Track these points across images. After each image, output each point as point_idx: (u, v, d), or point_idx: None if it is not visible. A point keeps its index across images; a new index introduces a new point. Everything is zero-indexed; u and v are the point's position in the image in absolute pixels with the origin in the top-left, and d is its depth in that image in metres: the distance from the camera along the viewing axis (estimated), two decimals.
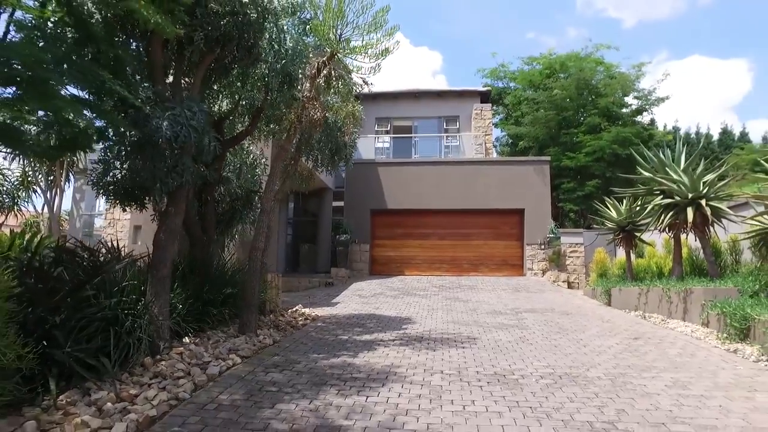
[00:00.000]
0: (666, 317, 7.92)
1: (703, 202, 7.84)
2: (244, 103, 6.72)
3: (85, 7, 4.51)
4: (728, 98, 58.25)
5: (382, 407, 3.84)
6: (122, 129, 4.66)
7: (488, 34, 63.59)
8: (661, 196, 8.76)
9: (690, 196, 8.06)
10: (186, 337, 5.46)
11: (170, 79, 5.66)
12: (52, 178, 19.52)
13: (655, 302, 8.47)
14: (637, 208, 10.06)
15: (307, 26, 6.50)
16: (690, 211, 7.94)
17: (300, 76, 6.38)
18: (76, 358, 4.05)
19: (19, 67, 3.39)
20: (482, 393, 4.20)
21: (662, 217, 8.64)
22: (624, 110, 19.12)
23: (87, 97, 4.36)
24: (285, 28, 5.86)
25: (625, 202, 10.55)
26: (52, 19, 4.05)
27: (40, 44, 3.91)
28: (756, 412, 3.66)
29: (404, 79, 52.08)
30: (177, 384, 4.20)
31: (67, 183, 19.84)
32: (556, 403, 3.92)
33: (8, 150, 4.42)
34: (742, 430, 3.32)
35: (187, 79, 6.00)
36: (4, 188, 11.76)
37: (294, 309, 8.43)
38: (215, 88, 6.56)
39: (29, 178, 15.74)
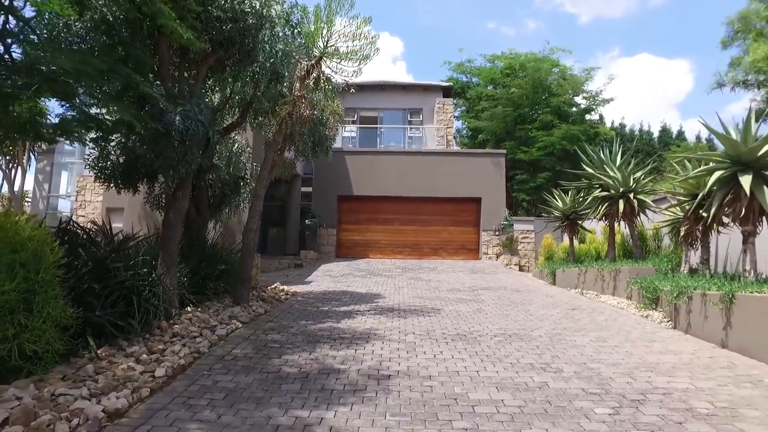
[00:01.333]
0: (599, 293, 9.23)
1: (632, 195, 9.17)
2: (237, 98, 7.40)
3: (107, 10, 5.13)
4: (672, 96, 62.03)
5: (369, 357, 4.78)
6: (143, 123, 5.30)
7: (449, 23, 64.91)
8: (600, 190, 10.04)
9: (622, 190, 9.37)
10: (188, 307, 6.20)
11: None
12: (9, 158, 19.19)
13: (591, 281, 9.78)
14: (580, 200, 11.36)
15: (296, 30, 7.22)
16: (621, 203, 9.25)
17: (286, 74, 7.12)
18: (108, 320, 4.77)
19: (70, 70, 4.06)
20: (448, 347, 5.21)
21: (599, 208, 9.94)
22: (574, 109, 20.67)
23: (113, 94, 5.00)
24: (278, 32, 6.57)
25: (570, 193, 11.83)
26: (82, 24, 4.65)
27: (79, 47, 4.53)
28: (650, 354, 4.86)
29: (366, 65, 52.49)
30: (195, 342, 4.99)
31: (29, 163, 19.57)
32: (506, 353, 4.98)
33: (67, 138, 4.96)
34: (638, 364, 4.49)
35: (185, 74, 6.63)
36: None
37: (273, 286, 9.21)
38: (209, 83, 7.20)
39: None
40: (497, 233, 16.62)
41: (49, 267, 4.07)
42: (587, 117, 21.57)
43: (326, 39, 6.70)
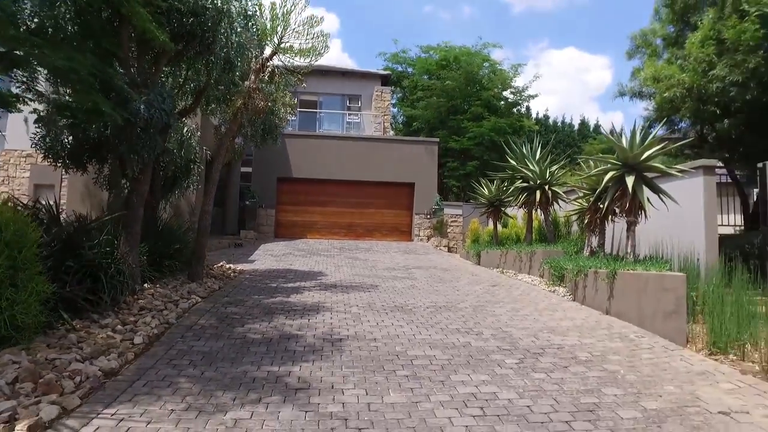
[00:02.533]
0: (518, 272, 10.50)
1: (548, 187, 10.47)
2: (192, 85, 7.72)
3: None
4: (593, 89, 66.49)
5: (321, 324, 5.54)
6: (109, 110, 5.63)
7: (386, 5, 65.23)
8: (521, 181, 11.29)
9: (539, 182, 10.65)
10: (146, 284, 6.61)
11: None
12: None
13: (511, 261, 11.05)
14: (504, 189, 12.60)
15: (250, 22, 7.64)
16: (539, 194, 10.53)
17: (239, 64, 7.55)
18: (80, 295, 5.16)
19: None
20: (388, 316, 6.08)
21: (520, 197, 11.20)
22: (502, 103, 22.19)
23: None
24: (236, 27, 6.99)
25: (495, 182, 13.05)
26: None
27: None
28: (551, 320, 6.01)
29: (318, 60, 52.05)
30: (162, 314, 5.50)
31: None
32: (437, 320, 5.93)
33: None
34: (541, 328, 5.61)
35: (144, 63, 6.90)
36: None
37: (220, 264, 9.66)
38: (165, 70, 7.48)
39: None
40: (428, 217, 17.76)
41: (30, 246, 4.44)
42: (514, 110, 23.21)
43: (281, 35, 7.21)
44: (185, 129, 8.93)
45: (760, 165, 8.94)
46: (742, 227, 12.58)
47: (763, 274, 6.86)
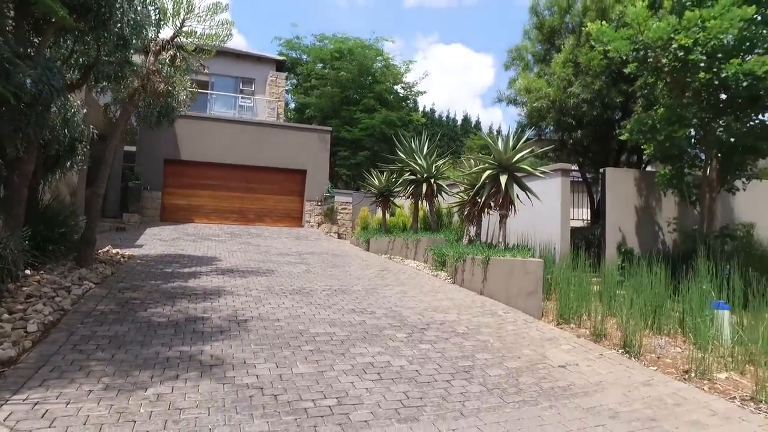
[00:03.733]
0: (404, 258, 11.40)
1: (433, 180, 11.47)
2: (82, 60, 7.27)
3: None
4: (477, 87, 71.13)
5: (225, 307, 5.78)
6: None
7: None
8: (409, 174, 12.18)
9: (425, 175, 11.61)
10: (27, 270, 6.24)
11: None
12: None
13: (398, 248, 11.93)
14: (393, 180, 13.44)
15: (148, 1, 7.40)
16: (425, 186, 11.49)
17: (134, 41, 7.30)
18: None
19: None
20: (287, 299, 6.47)
21: (408, 188, 12.10)
22: (392, 97, 23.18)
23: None
24: (135, 4, 6.77)
25: (385, 174, 13.85)
26: None
27: None
28: (435, 300, 6.86)
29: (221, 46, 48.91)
30: (54, 301, 5.32)
31: None
32: (334, 302, 6.45)
33: None
34: (426, 307, 6.41)
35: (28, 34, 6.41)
36: None
37: (106, 249, 9.19)
38: (51, 41, 6.97)
39: None
40: (319, 203, 18.17)
41: None
42: (404, 104, 24.37)
43: (183, 19, 7.12)
44: (70, 106, 8.33)
45: (602, 170, 10.72)
46: (589, 221, 14.84)
47: (599, 260, 8.42)
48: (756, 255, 9.45)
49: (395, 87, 23.51)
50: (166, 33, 7.27)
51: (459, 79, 69.49)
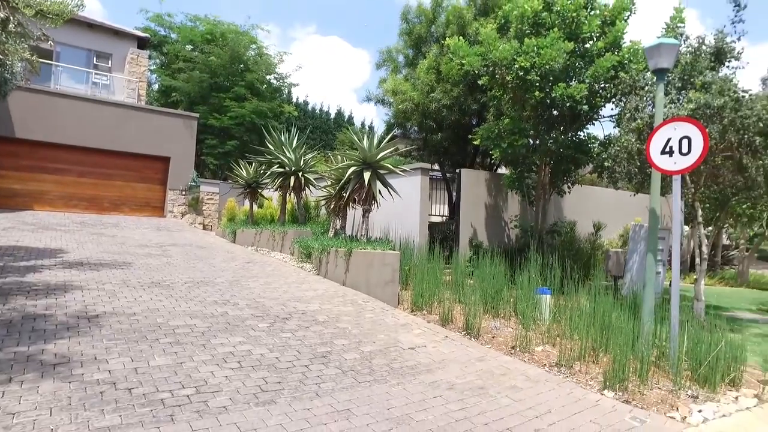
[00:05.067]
0: (271, 250, 11.43)
1: (301, 174, 11.65)
2: None
3: None
4: (352, 81, 72.06)
5: (73, 303, 5.43)
6: None
7: None
8: (278, 166, 12.20)
9: (294, 168, 11.75)
10: None
11: None
12: None
13: (265, 240, 11.91)
14: (262, 172, 13.34)
15: None
16: (293, 179, 11.62)
17: None
18: None
19: None
20: (145, 292, 6.25)
21: (276, 181, 12.12)
22: (265, 87, 22.71)
23: None
24: None
25: (254, 165, 13.67)
26: None
27: None
28: (299, 291, 7.12)
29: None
30: None
31: None
32: (196, 294, 6.38)
33: None
34: (290, 298, 6.64)
35: None
36: None
37: None
38: None
39: None
40: (184, 193, 17.27)
41: None
42: (277, 95, 24.01)
43: None
44: None
45: (458, 171, 11.85)
46: (447, 216, 16.21)
47: (450, 253, 9.37)
48: (574, 248, 11.27)
49: (268, 77, 23.07)
50: None
51: (335, 73, 70.03)
